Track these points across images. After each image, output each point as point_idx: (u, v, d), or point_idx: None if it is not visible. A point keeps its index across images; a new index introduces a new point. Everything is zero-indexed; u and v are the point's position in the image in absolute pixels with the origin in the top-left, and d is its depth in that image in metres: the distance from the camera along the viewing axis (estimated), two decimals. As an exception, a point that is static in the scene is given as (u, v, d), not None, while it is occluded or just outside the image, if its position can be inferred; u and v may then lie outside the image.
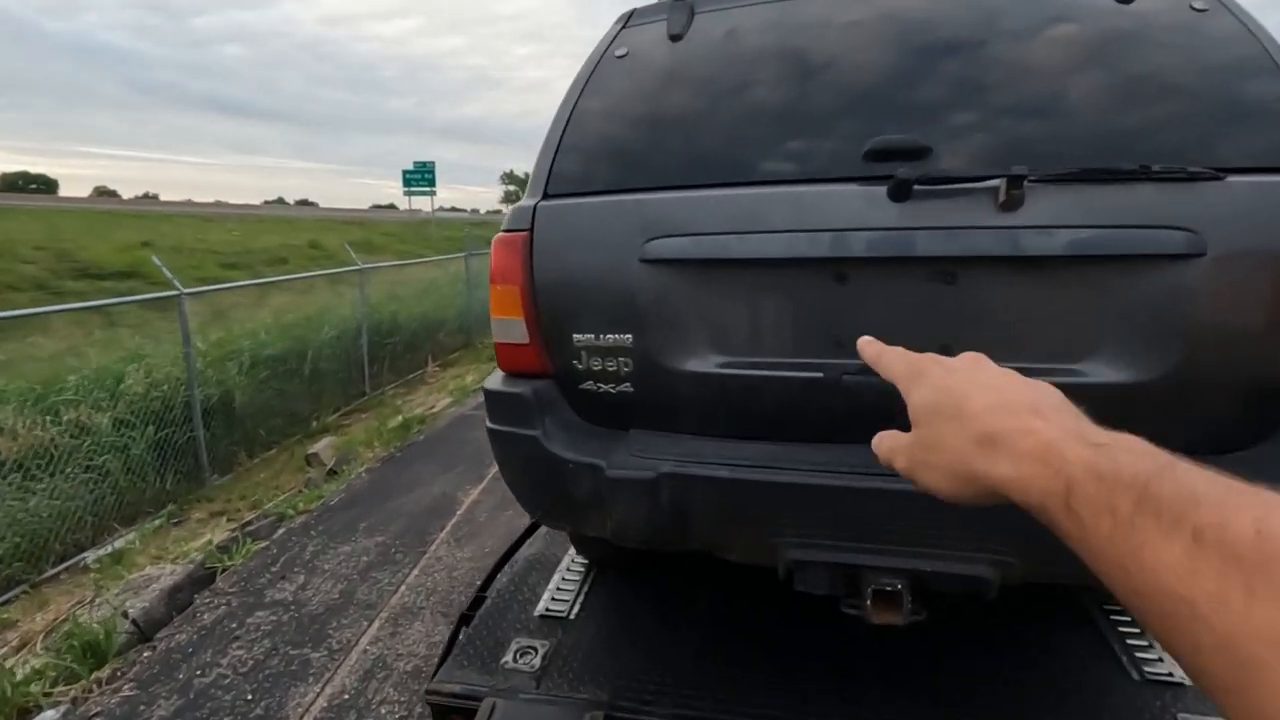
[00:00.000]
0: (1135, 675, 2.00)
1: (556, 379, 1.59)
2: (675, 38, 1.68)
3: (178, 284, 6.17)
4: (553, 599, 2.43)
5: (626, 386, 1.53)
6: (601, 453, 1.50)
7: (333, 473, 5.88)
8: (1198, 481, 0.36)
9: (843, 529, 1.37)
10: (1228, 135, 1.31)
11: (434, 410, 7.90)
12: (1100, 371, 1.32)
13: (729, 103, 1.55)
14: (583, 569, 2.60)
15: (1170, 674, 1.99)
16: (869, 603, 1.36)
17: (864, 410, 1.41)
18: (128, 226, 29.85)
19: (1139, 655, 2.07)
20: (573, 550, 2.73)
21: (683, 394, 1.49)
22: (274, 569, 3.99)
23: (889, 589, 1.35)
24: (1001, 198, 1.27)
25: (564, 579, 2.54)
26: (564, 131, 1.62)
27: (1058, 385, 1.19)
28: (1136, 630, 2.19)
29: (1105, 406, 1.24)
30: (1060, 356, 1.33)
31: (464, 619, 2.45)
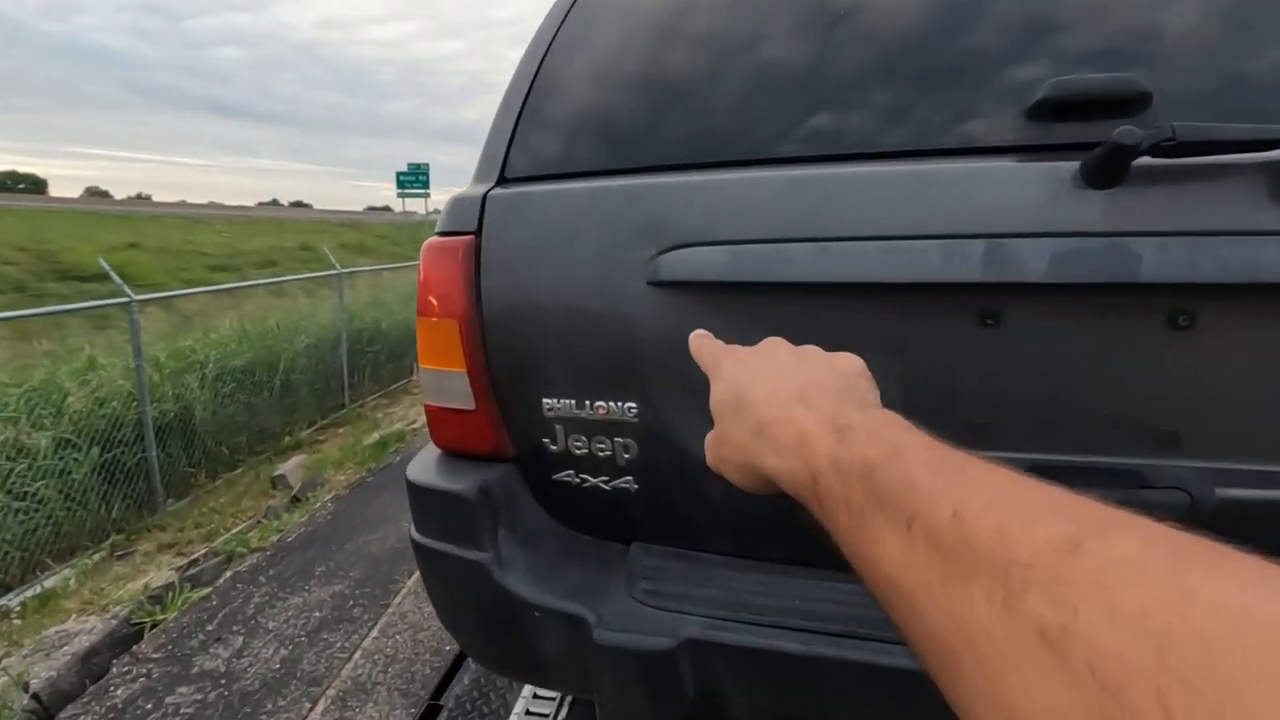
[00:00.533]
0: None
1: (520, 464, 1.02)
2: None
3: (128, 290, 5.60)
4: (527, 713, 1.86)
5: (626, 481, 0.96)
6: (588, 593, 0.93)
7: (297, 499, 5.31)
8: (919, 467, 0.36)
9: None
10: None
11: (414, 426, 7.33)
12: None
13: (789, 31, 0.98)
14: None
15: None
16: None
17: None
18: (114, 228, 29.38)
19: None
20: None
21: (714, 496, 0.93)
22: (210, 627, 3.41)
23: None
24: None
25: (540, 690, 1.97)
26: (531, 85, 1.05)
27: None
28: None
29: None
30: None
31: (410, 742, 1.89)
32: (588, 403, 0.94)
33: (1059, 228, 0.77)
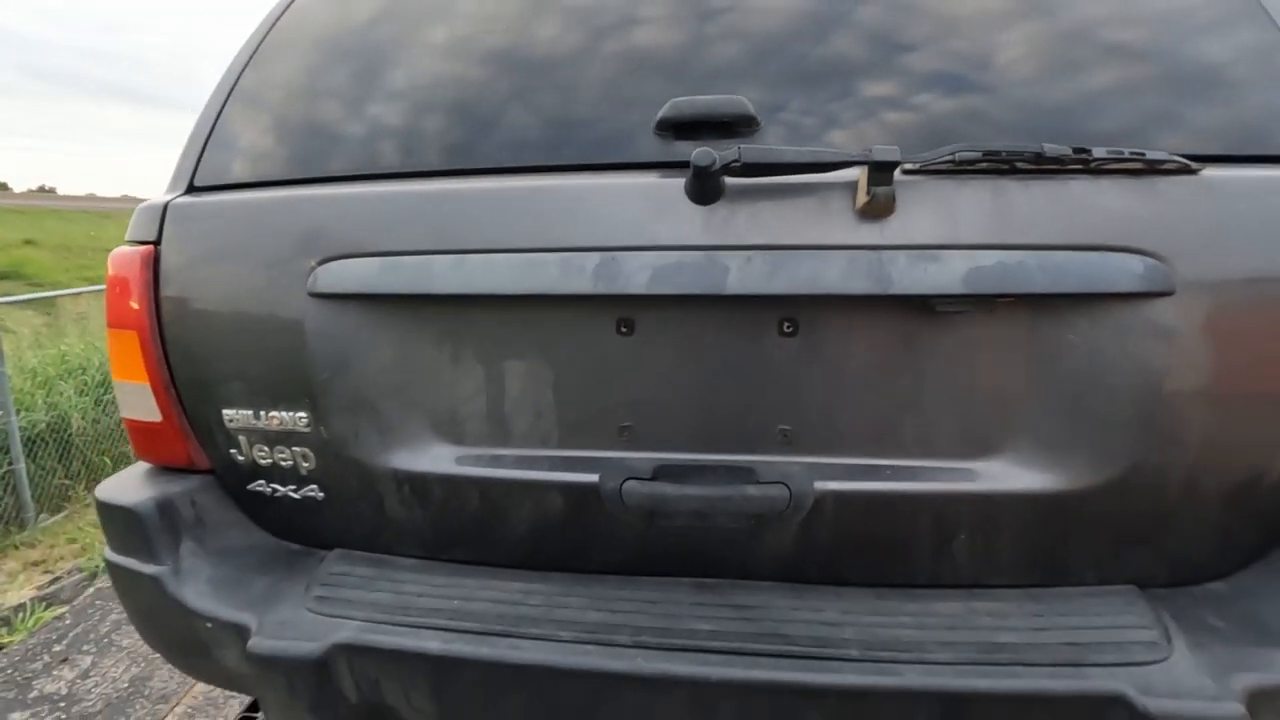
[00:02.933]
0: None
1: (216, 475, 1.02)
2: None
3: (-13, 292, 5.25)
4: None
5: (312, 490, 0.97)
6: (262, 602, 0.93)
7: (178, 511, 5.09)
8: None
9: None
10: (1201, 114, 0.85)
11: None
12: (1013, 475, 0.84)
13: (448, 46, 1.01)
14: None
15: None
16: None
17: (661, 536, 0.91)
18: (10, 223, 27.48)
19: None
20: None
21: (394, 503, 0.95)
22: (58, 648, 3.25)
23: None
24: (862, 198, 0.78)
25: None
26: (229, 94, 1.05)
27: (951, 494, 0.68)
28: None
29: (1030, 525, 0.75)
30: (951, 451, 0.85)
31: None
32: (263, 413, 0.94)
33: (669, 241, 0.82)
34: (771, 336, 0.85)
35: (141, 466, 1.12)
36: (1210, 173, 0.81)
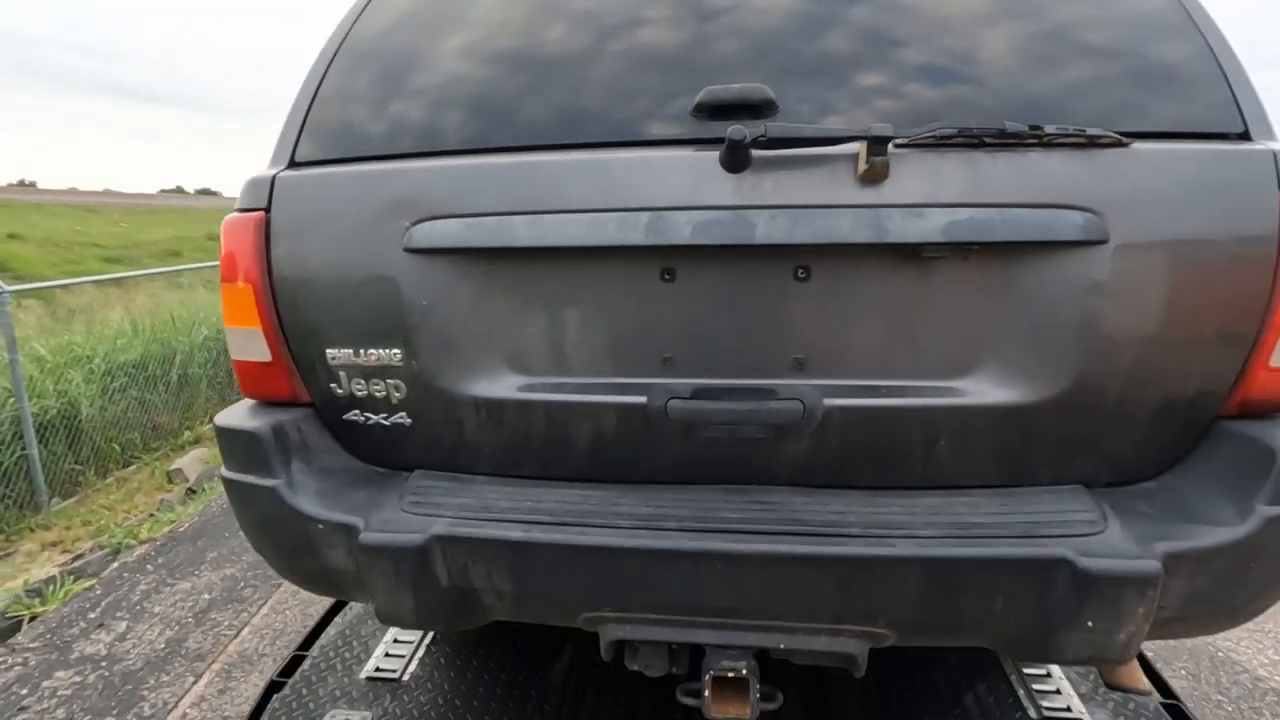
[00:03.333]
0: (1034, 713, 1.80)
1: (315, 407, 1.20)
2: None
3: (-1, 281, 5.37)
4: (386, 655, 2.04)
5: (401, 417, 1.16)
6: (362, 507, 1.12)
7: (192, 492, 5.24)
8: None
9: (673, 603, 1.05)
10: (1134, 96, 1.05)
11: (322, 416, 7.28)
12: (988, 390, 1.04)
13: (520, 46, 1.19)
14: (427, 617, 2.22)
15: (1068, 708, 1.80)
16: (708, 692, 1.05)
17: (701, 446, 1.11)
18: (-8, 217, 27.10)
19: (1035, 688, 1.88)
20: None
21: (472, 427, 1.14)
22: (92, 615, 3.41)
23: (731, 674, 1.04)
24: (861, 166, 0.97)
25: (400, 634, 2.15)
26: (321, 81, 1.23)
27: (934, 407, 0.89)
28: (1039, 672, 2.00)
29: (997, 432, 0.96)
30: (941, 372, 1.06)
31: (273, 686, 2.04)
32: (362, 351, 1.12)
33: (707, 202, 1.01)
34: (788, 280, 1.04)
35: (247, 402, 1.30)
36: (1138, 145, 1.01)
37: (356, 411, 1.18)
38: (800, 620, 1.04)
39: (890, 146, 0.97)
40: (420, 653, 2.06)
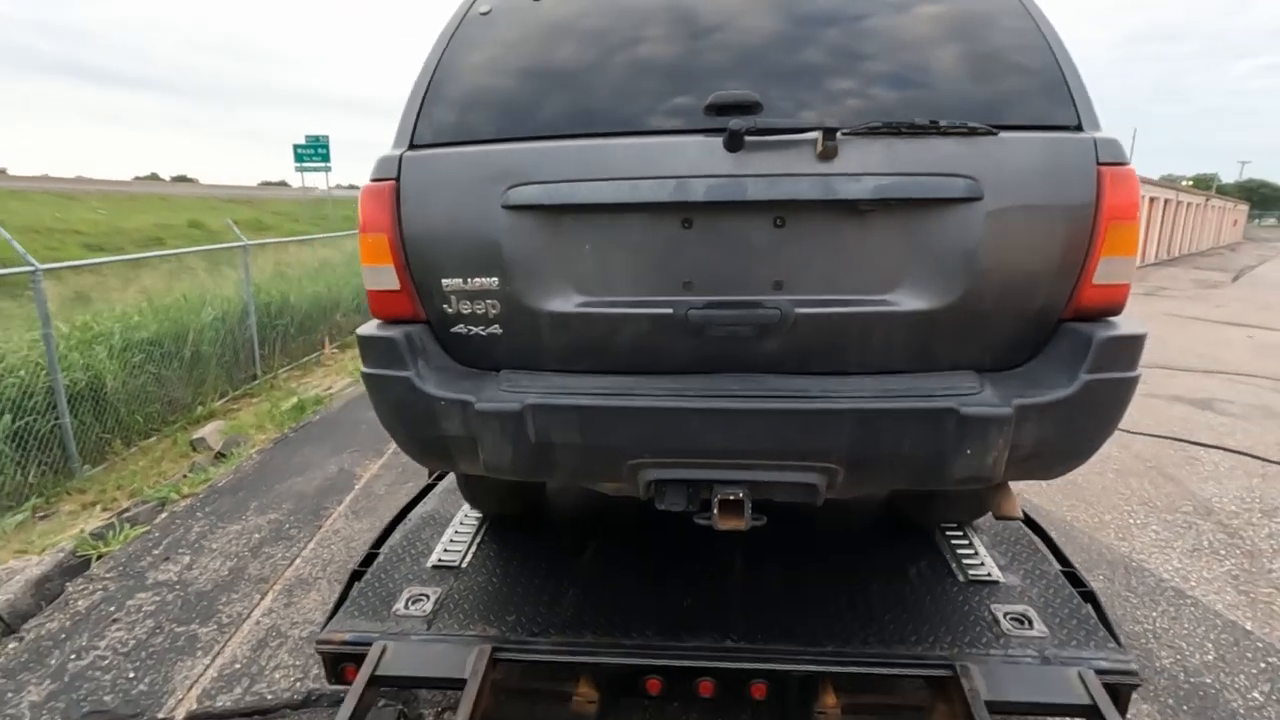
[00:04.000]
0: (961, 577, 2.31)
1: (429, 324, 1.67)
2: None
3: (32, 260, 5.69)
4: (445, 550, 2.51)
5: (495, 328, 1.62)
6: (472, 390, 1.59)
7: (220, 456, 5.64)
8: None
9: (692, 448, 1.54)
10: (1003, 97, 1.54)
11: (331, 391, 7.66)
12: (905, 301, 1.53)
13: (581, 59, 1.66)
14: (475, 523, 2.69)
15: (989, 574, 2.32)
16: (716, 511, 1.54)
17: (710, 342, 1.59)
18: (-32, 204, 26.69)
19: (965, 561, 2.39)
20: (466, 506, 2.81)
21: (546, 333, 1.61)
22: (156, 551, 3.84)
23: (732, 498, 1.53)
24: (819, 148, 1.45)
25: (456, 532, 2.63)
26: (429, 84, 1.68)
27: (869, 313, 1.38)
28: (964, 541, 2.52)
29: (911, 331, 1.45)
30: (874, 289, 1.54)
31: (355, 575, 2.50)
32: (469, 279, 1.58)
33: (714, 172, 1.48)
34: (769, 227, 1.51)
35: (374, 322, 1.74)
36: (1004, 134, 1.48)
37: (461, 325, 1.63)
38: (777, 459, 1.52)
39: (838, 135, 1.44)
40: (473, 547, 2.54)
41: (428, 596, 2.27)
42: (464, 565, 2.44)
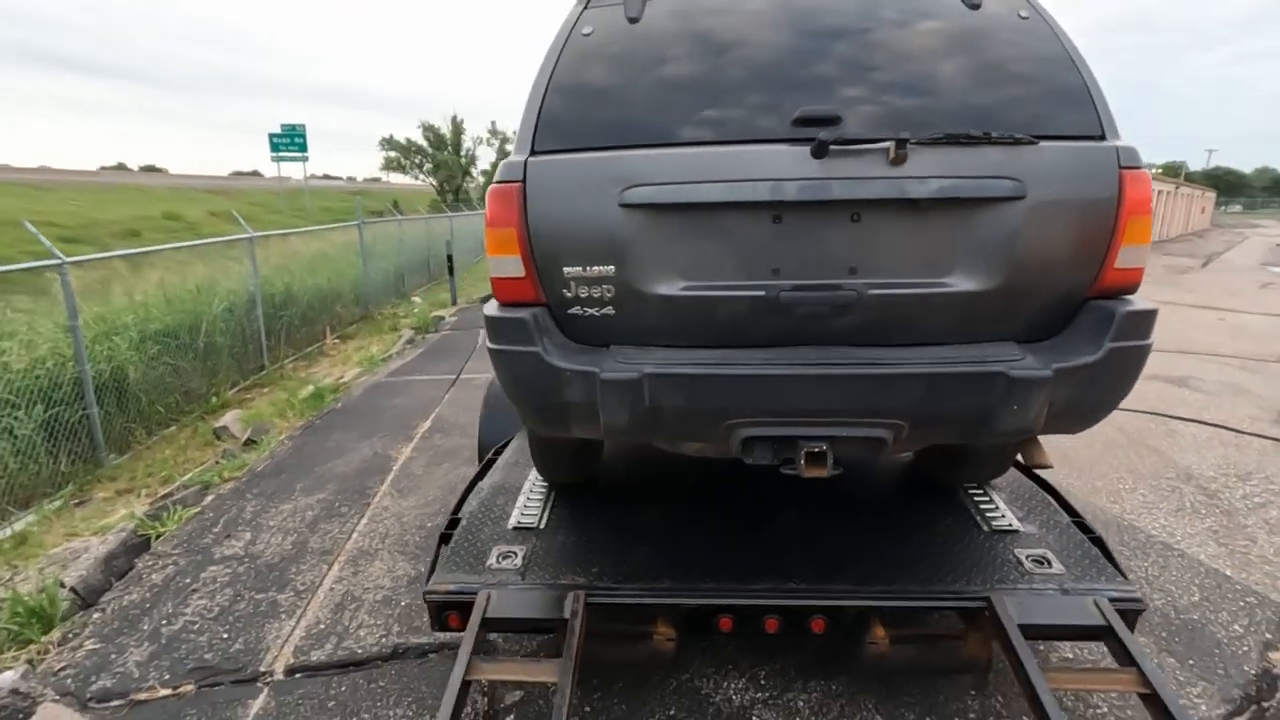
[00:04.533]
0: (985, 527, 2.63)
1: (548, 306, 1.92)
2: (633, 20, 2.03)
3: (58, 253, 5.81)
4: (522, 514, 2.77)
5: (608, 310, 1.89)
6: (593, 362, 1.86)
7: (251, 442, 5.81)
8: None
9: (783, 408, 1.82)
10: (1041, 112, 1.83)
11: (344, 380, 7.83)
12: (959, 283, 1.83)
13: (683, 77, 1.92)
14: (544, 490, 2.96)
15: (1010, 524, 2.64)
16: (802, 462, 1.82)
17: (794, 319, 1.86)
18: (-66, 196, 26.00)
19: (987, 514, 2.71)
20: (532, 476, 3.07)
21: (654, 313, 1.88)
22: (215, 530, 4.04)
23: (816, 450, 1.82)
24: (892, 155, 1.74)
25: (529, 499, 2.89)
26: (544, 98, 1.93)
27: (928, 295, 1.67)
28: (985, 498, 2.84)
29: (963, 308, 1.75)
30: (933, 273, 1.83)
31: (444, 537, 2.75)
32: (588, 267, 1.84)
33: (803, 175, 1.76)
34: (846, 222, 1.80)
35: (495, 304, 1.98)
36: (1044, 143, 1.77)
37: (578, 307, 1.89)
38: (854, 416, 1.82)
39: (909, 145, 1.73)
40: (547, 511, 2.81)
41: (515, 553, 2.53)
42: (542, 526, 2.71)
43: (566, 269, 1.86)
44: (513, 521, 2.73)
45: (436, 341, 9.93)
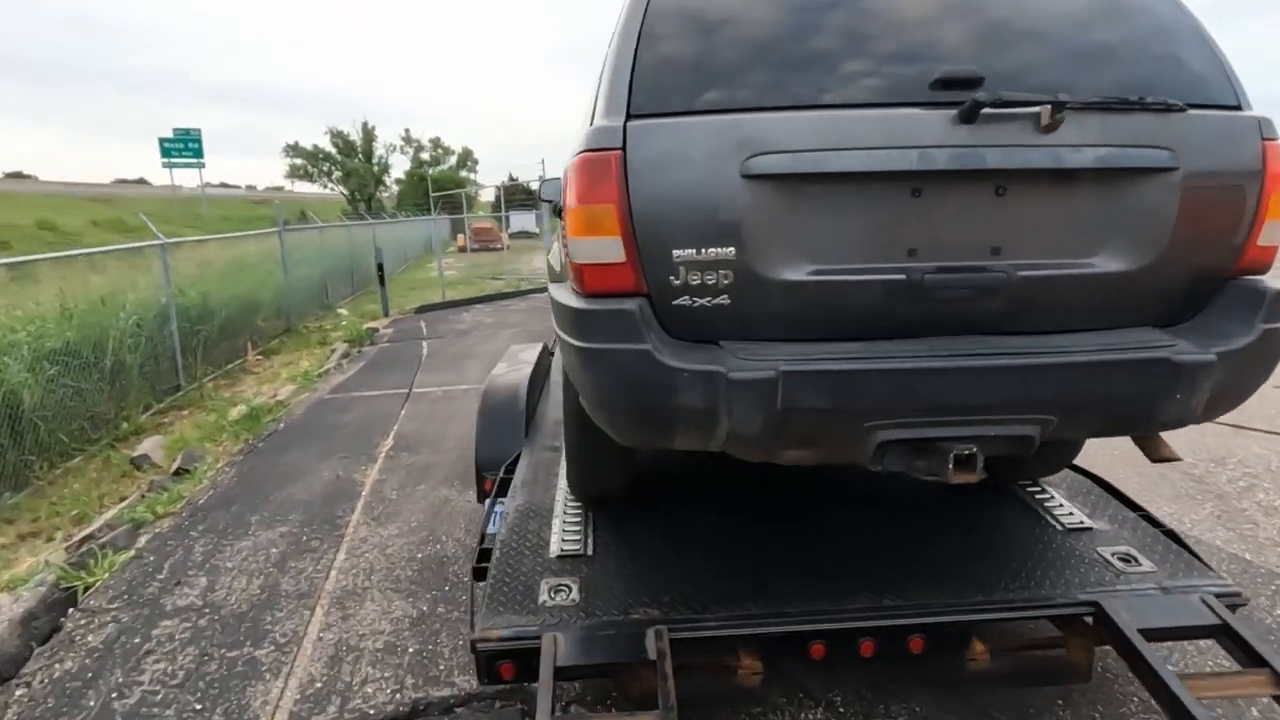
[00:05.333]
0: (1058, 526, 2.51)
1: (649, 297, 1.63)
2: None
3: (-64, 259, 4.94)
4: (564, 540, 2.44)
5: (722, 299, 1.62)
6: (715, 361, 1.58)
7: (183, 472, 5.12)
8: None
9: (933, 406, 1.60)
10: (1182, 79, 1.71)
11: (280, 399, 7.12)
12: (1105, 264, 1.67)
13: (810, 28, 1.68)
14: (580, 511, 2.63)
15: (1082, 521, 2.53)
16: (951, 467, 1.61)
17: (934, 306, 1.65)
18: None
19: (1055, 512, 2.60)
20: (562, 495, 2.74)
21: (776, 303, 1.62)
22: (160, 576, 3.46)
23: (966, 453, 1.61)
24: (1045, 120, 1.56)
25: (566, 522, 2.56)
26: (636, 50, 1.65)
27: (1074, 277, 1.48)
28: (1045, 495, 2.74)
29: (1106, 290, 1.58)
30: (1079, 253, 1.67)
31: (477, 572, 2.39)
32: (703, 249, 1.56)
33: (948, 143, 1.55)
34: (990, 196, 1.60)
35: (579, 297, 1.66)
36: (1190, 111, 1.65)
37: (685, 297, 1.60)
38: (1004, 413, 1.62)
39: (1064, 109, 1.56)
40: (590, 535, 2.49)
41: (569, 586, 2.20)
42: (590, 553, 2.39)
43: (676, 252, 1.58)
44: (555, 549, 2.40)
45: (375, 355, 9.28)
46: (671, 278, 1.60)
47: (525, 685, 2.42)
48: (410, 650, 2.77)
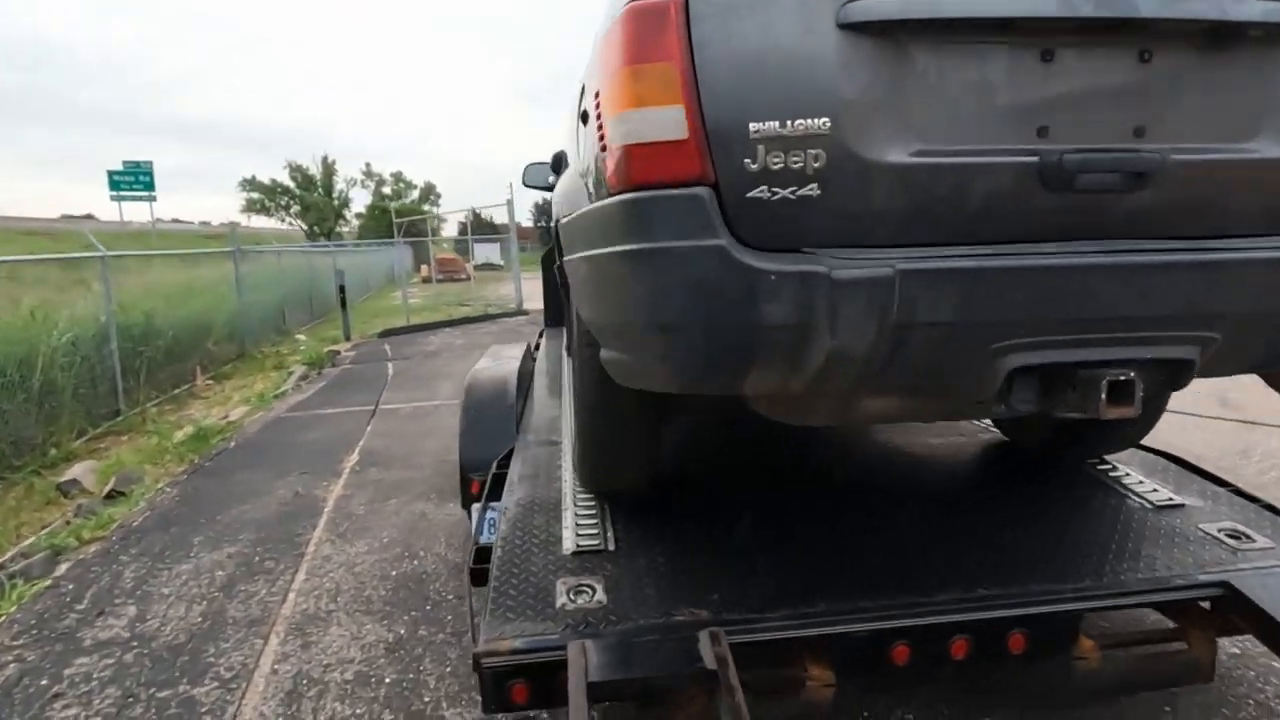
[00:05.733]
0: (1148, 504, 2.19)
1: (716, 187, 1.26)
2: None
3: None
4: (580, 534, 2.03)
5: (811, 188, 1.26)
6: (809, 260, 1.22)
7: (117, 494, 4.51)
8: None
9: (1083, 316, 1.27)
10: None
11: (231, 419, 6.52)
12: (1269, 148, 1.37)
13: None
14: (593, 502, 2.22)
15: (1170, 499, 2.22)
16: (1104, 397, 1.27)
17: (1072, 198, 1.32)
18: None
19: (1139, 490, 2.29)
20: (569, 488, 2.33)
21: (876, 193, 1.27)
22: (80, 607, 2.91)
23: (1123, 378, 1.27)
24: None
25: (579, 515, 2.15)
26: None
27: (1231, 161, 1.16)
28: (1120, 472, 2.43)
29: (1270, 179, 1.27)
30: (1238, 136, 1.37)
31: (474, 575, 1.97)
32: (789, 122, 1.21)
33: None
34: (1134, 62, 1.30)
35: (630, 193, 1.29)
36: None
37: (763, 187, 1.24)
38: (1163, 328, 1.30)
39: None
40: (609, 528, 2.07)
41: (592, 587, 1.79)
42: (612, 548, 1.98)
43: (754, 125, 1.22)
44: (569, 544, 1.98)
45: (338, 375, 8.72)
46: (747, 160, 1.24)
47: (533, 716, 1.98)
48: (387, 680, 2.29)
